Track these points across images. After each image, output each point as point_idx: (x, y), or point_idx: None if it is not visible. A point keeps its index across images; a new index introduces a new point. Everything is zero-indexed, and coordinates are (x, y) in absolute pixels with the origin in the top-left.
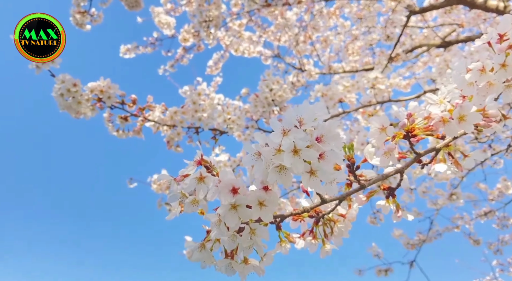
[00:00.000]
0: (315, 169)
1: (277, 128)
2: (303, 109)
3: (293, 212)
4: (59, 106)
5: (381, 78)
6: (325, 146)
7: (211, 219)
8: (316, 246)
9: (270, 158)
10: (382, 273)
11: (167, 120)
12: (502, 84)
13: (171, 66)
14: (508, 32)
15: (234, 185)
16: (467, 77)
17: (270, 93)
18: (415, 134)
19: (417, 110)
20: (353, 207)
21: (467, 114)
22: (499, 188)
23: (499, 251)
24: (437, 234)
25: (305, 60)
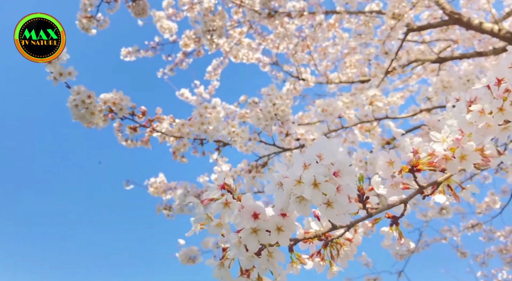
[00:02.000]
0: (332, 201)
1: (299, 162)
2: (322, 145)
3: (306, 236)
4: (73, 116)
5: (379, 95)
6: (342, 181)
7: (231, 240)
8: (323, 267)
9: (290, 188)
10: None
11: (175, 131)
12: (499, 127)
13: (170, 69)
14: (506, 77)
15: (255, 211)
16: (467, 117)
17: (273, 108)
18: (419, 169)
19: (421, 146)
20: (359, 232)
21: (468, 154)
22: (487, 202)
23: (485, 264)
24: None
25: (303, 69)
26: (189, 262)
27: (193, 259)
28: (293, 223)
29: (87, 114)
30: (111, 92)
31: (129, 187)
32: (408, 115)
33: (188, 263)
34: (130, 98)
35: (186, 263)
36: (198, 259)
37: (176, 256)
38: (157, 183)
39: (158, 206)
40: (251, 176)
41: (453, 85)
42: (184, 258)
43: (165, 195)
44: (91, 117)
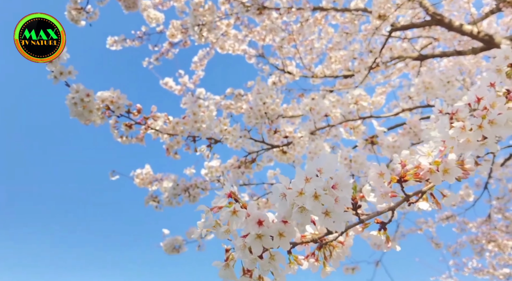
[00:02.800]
0: (330, 211)
1: (301, 175)
2: (322, 160)
3: (303, 240)
4: (71, 113)
5: (364, 95)
6: (339, 193)
7: (237, 244)
8: (318, 268)
9: (293, 199)
10: (349, 271)
11: (169, 129)
12: (477, 142)
13: (156, 59)
14: (485, 96)
15: (260, 218)
16: (450, 132)
17: (264, 106)
18: (406, 180)
19: (408, 158)
20: (350, 235)
21: (450, 168)
22: (461, 195)
23: (457, 253)
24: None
25: (288, 62)
26: (173, 252)
27: (177, 249)
28: (293, 229)
29: (85, 112)
30: (109, 90)
31: (114, 177)
32: (391, 115)
33: (172, 252)
34: (127, 96)
35: (171, 253)
36: (182, 249)
37: (160, 245)
38: (143, 175)
39: (147, 199)
40: (240, 172)
41: (434, 86)
42: (168, 247)
43: (151, 187)
44: (89, 115)
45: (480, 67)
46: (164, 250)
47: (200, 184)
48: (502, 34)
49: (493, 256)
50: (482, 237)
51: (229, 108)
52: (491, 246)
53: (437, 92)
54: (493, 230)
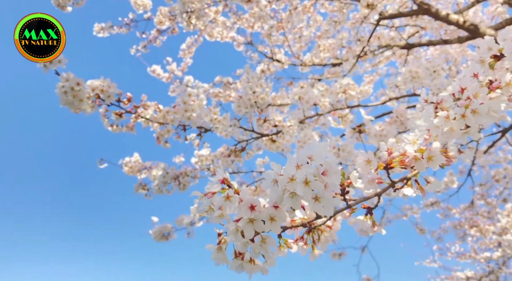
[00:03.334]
0: (319, 196)
1: (292, 162)
2: (312, 148)
3: (293, 224)
4: (61, 102)
5: (352, 84)
6: (328, 179)
7: (229, 228)
8: (306, 251)
9: (284, 185)
10: (336, 256)
11: (159, 118)
12: (461, 131)
13: (143, 46)
14: (468, 87)
15: (252, 203)
16: (435, 121)
17: (253, 95)
18: (392, 167)
19: (395, 146)
20: (338, 220)
21: (434, 156)
22: (446, 182)
23: (440, 238)
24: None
25: (276, 50)
26: (162, 239)
27: (166, 236)
28: (284, 214)
29: (75, 101)
30: (99, 79)
31: (102, 166)
32: (378, 103)
33: (161, 240)
34: (117, 85)
35: (160, 240)
36: (171, 236)
37: (149, 233)
38: (131, 163)
39: (136, 187)
40: (230, 160)
41: (421, 76)
42: (157, 235)
43: (140, 175)
44: (79, 104)
45: (465, 55)
46: (153, 237)
47: (190, 172)
48: (487, 23)
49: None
50: (465, 222)
51: (218, 96)
52: (473, 231)
53: (424, 81)
54: (476, 216)
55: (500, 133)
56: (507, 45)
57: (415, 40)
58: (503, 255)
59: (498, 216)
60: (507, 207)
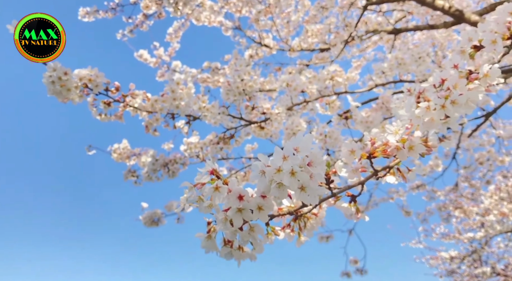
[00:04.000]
0: (305, 186)
1: (279, 154)
2: (299, 140)
3: (280, 213)
4: (48, 91)
5: (339, 71)
6: (314, 170)
7: (219, 217)
8: (293, 238)
9: (271, 176)
10: (323, 239)
11: (148, 107)
12: (440, 121)
13: (130, 31)
14: (448, 78)
15: (240, 193)
16: (416, 111)
17: (242, 83)
18: (375, 156)
19: (378, 135)
20: (323, 207)
21: (415, 145)
22: (431, 165)
23: (426, 220)
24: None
25: (265, 34)
26: (152, 225)
27: (156, 221)
28: (271, 203)
29: (63, 90)
30: (86, 68)
31: (91, 152)
32: (364, 90)
33: (151, 225)
34: (104, 74)
35: (150, 226)
36: (161, 222)
37: (139, 219)
38: (120, 149)
39: (126, 174)
40: (219, 147)
41: (407, 62)
42: (147, 220)
43: (129, 161)
44: (67, 94)
45: (451, 40)
46: (143, 223)
47: (179, 159)
48: (474, 7)
49: (459, 221)
50: (449, 204)
51: (206, 82)
52: (457, 212)
53: (409, 68)
54: (460, 198)
55: (484, 117)
56: (486, 36)
57: (402, 25)
58: (486, 235)
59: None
60: (490, 188)
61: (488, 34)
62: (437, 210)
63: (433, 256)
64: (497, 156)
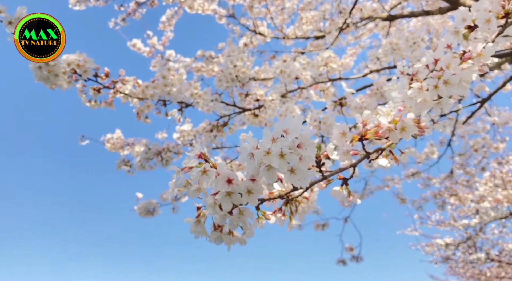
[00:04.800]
0: (295, 169)
1: (268, 136)
2: (288, 122)
3: (271, 197)
4: (35, 77)
5: (333, 57)
6: (304, 152)
7: (208, 201)
8: (284, 222)
9: (261, 158)
10: (319, 227)
11: (138, 93)
12: (433, 101)
13: (122, 19)
14: (441, 58)
15: (229, 177)
16: (408, 92)
17: (234, 69)
18: (367, 138)
19: (370, 117)
20: (314, 191)
21: (407, 126)
22: (426, 152)
23: (421, 207)
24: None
25: (259, 22)
26: (147, 215)
27: (151, 211)
28: (261, 186)
29: (51, 76)
30: (75, 54)
31: (84, 142)
32: (359, 76)
33: (146, 215)
34: (94, 60)
35: (145, 216)
36: (157, 212)
37: (134, 209)
38: (114, 139)
39: (119, 163)
40: (213, 135)
41: (401, 47)
42: (142, 211)
43: (122, 151)
44: (55, 79)
45: (447, 27)
46: (138, 213)
47: (172, 148)
48: None
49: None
50: (445, 191)
51: (200, 71)
52: (452, 199)
53: (404, 53)
54: (455, 185)
55: (479, 104)
56: (480, 15)
57: (397, 11)
58: (480, 221)
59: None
60: (485, 175)
61: (482, 13)
62: (432, 197)
63: (428, 243)
64: (492, 143)
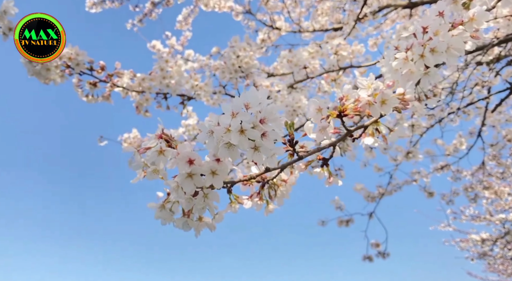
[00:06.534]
0: (258, 146)
1: (227, 111)
2: (250, 95)
3: (242, 179)
4: (28, 72)
5: (343, 44)
6: (267, 127)
7: (171, 184)
8: (261, 206)
9: (221, 136)
10: (343, 223)
11: (136, 86)
12: (420, 72)
13: (139, 20)
14: (430, 26)
15: (190, 157)
16: (393, 64)
17: (237, 60)
18: (347, 114)
19: (350, 92)
20: (294, 174)
21: (388, 99)
22: (455, 144)
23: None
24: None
25: (276, 17)
26: None
27: None
28: (226, 167)
29: (42, 70)
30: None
31: (103, 143)
32: (371, 64)
33: None
34: (87, 53)
35: None
36: None
37: None
38: (131, 138)
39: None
40: None
41: None
42: None
43: None
44: (47, 73)
45: None
46: None
47: None
48: None
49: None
50: (477, 184)
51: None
52: (487, 193)
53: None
54: (488, 177)
55: (509, 90)
56: None
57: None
58: None
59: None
60: None
61: None
62: (463, 190)
63: (463, 238)
64: None
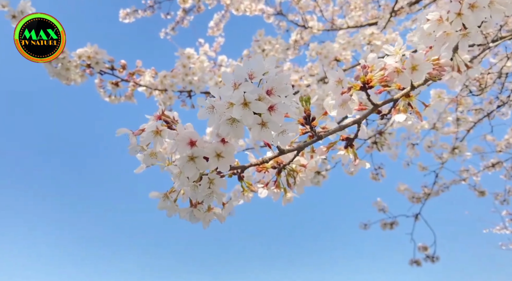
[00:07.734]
0: (266, 121)
1: (229, 82)
2: (254, 63)
3: (253, 163)
4: (49, 73)
5: (377, 34)
6: (275, 99)
7: (173, 171)
8: (278, 195)
9: (223, 111)
10: (387, 226)
11: (158, 84)
12: (458, 34)
13: (172, 29)
14: None
15: (191, 138)
16: (425, 27)
17: (263, 54)
18: (372, 86)
19: (376, 61)
20: (315, 158)
21: (418, 64)
22: (507, 139)
23: (506, 201)
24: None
25: (308, 17)
26: None
27: None
28: (233, 148)
29: (62, 70)
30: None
31: None
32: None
33: None
34: (106, 51)
35: None
36: None
37: None
38: None
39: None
40: None
41: None
42: None
43: None
44: (66, 73)
45: None
46: None
47: None
48: None
49: None
50: None
51: None
52: None
53: None
54: None
55: None
56: None
57: None
58: None
59: None
60: None
61: None
62: None
63: None
64: None
